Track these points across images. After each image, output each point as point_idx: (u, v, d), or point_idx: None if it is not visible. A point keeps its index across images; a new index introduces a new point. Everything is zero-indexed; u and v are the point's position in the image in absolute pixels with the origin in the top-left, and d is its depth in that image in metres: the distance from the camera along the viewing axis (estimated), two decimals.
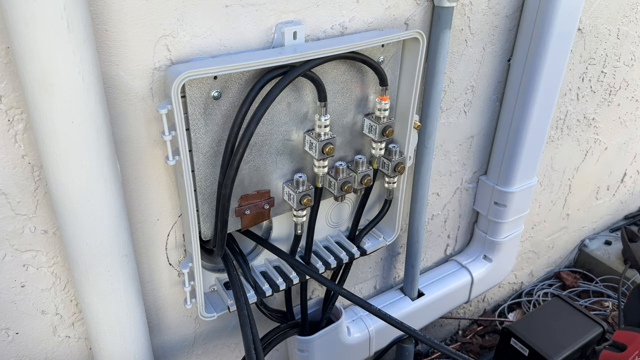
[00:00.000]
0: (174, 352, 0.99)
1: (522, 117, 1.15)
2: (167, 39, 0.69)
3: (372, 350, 1.24)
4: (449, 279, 1.35)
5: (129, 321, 0.78)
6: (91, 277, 0.72)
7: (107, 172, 0.66)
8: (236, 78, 0.73)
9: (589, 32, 1.26)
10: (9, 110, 0.64)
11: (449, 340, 1.65)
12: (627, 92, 1.51)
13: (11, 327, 0.79)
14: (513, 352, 1.22)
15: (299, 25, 0.77)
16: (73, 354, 0.87)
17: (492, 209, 1.31)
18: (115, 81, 0.68)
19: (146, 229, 0.82)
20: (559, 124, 1.40)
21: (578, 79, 1.34)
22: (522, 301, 1.74)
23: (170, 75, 0.68)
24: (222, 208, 0.77)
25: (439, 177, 1.22)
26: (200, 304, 0.87)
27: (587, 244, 1.88)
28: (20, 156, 0.68)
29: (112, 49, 0.66)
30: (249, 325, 0.83)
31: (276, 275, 0.94)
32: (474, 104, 1.15)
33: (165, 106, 0.67)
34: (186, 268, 0.83)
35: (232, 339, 1.07)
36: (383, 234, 1.07)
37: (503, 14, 1.06)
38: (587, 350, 1.22)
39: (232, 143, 0.73)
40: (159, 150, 0.77)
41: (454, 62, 1.05)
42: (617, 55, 1.38)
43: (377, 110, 0.87)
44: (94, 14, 0.63)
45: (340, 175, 0.88)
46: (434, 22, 0.94)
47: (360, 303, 0.94)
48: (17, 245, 0.73)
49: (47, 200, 0.72)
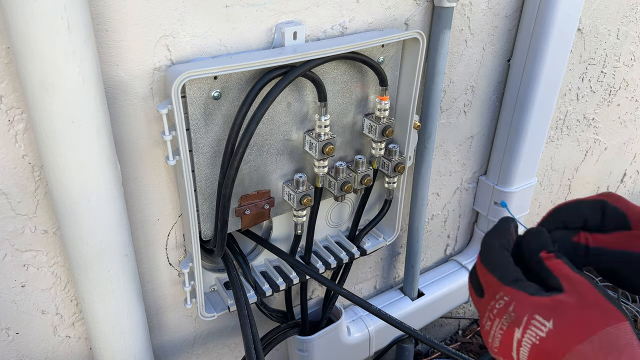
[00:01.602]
0: (174, 352, 0.99)
1: (522, 117, 1.15)
2: (167, 39, 0.69)
3: (372, 350, 1.24)
4: (449, 279, 1.35)
5: (129, 321, 0.78)
6: (91, 277, 0.72)
7: (108, 172, 0.66)
8: (236, 78, 0.73)
9: (589, 32, 1.26)
10: (10, 110, 0.64)
11: (449, 340, 1.65)
12: (627, 92, 1.51)
13: (11, 327, 0.79)
14: None
15: (299, 25, 0.77)
16: (73, 354, 0.87)
17: (492, 208, 1.31)
18: (116, 81, 0.68)
19: (146, 229, 0.82)
20: (559, 124, 1.40)
21: (578, 79, 1.34)
22: None
23: (170, 76, 0.68)
24: (222, 208, 0.77)
25: (439, 177, 1.22)
26: (201, 304, 0.87)
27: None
28: (21, 156, 0.68)
29: (112, 49, 0.66)
30: (249, 325, 0.83)
31: (276, 275, 0.94)
32: (473, 104, 1.15)
33: (165, 106, 0.67)
34: (186, 268, 0.83)
35: (232, 339, 1.07)
36: (383, 234, 1.07)
37: (503, 14, 1.06)
38: None
39: (232, 143, 0.73)
40: (159, 150, 0.77)
41: (454, 62, 1.05)
42: (617, 56, 1.39)
43: (377, 111, 0.87)
44: (94, 14, 0.63)
45: (340, 175, 0.88)
46: (434, 22, 0.94)
47: (360, 303, 0.94)
48: (17, 245, 0.73)
49: (48, 200, 0.72)
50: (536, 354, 0.46)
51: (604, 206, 0.54)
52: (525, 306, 0.47)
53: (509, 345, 0.48)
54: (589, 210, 0.55)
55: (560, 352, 0.44)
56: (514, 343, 0.47)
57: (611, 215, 0.54)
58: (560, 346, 0.44)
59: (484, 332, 0.51)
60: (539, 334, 0.46)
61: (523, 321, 0.47)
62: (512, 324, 0.47)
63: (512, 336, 0.47)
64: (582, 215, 0.55)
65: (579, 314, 0.45)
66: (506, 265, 0.50)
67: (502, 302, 0.49)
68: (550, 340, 0.45)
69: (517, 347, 0.47)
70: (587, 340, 0.44)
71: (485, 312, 0.51)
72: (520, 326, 0.47)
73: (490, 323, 0.50)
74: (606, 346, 0.43)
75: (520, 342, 0.47)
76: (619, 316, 0.45)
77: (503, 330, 0.48)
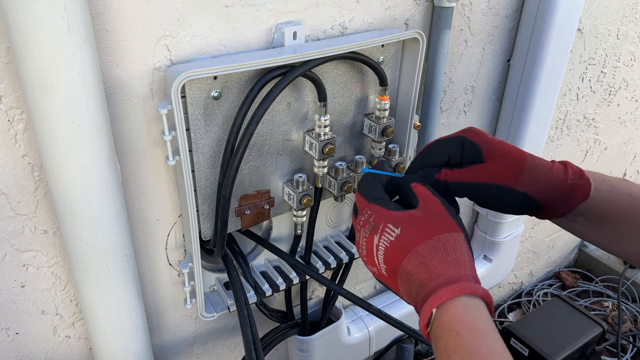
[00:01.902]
0: (174, 352, 0.99)
1: (522, 117, 1.15)
2: (167, 39, 0.69)
3: (372, 350, 1.24)
4: None
5: (129, 321, 0.78)
6: (91, 277, 0.72)
7: (108, 172, 0.66)
8: (236, 78, 0.73)
9: (589, 32, 1.26)
10: (9, 110, 0.64)
11: None
12: (627, 92, 1.51)
13: (11, 327, 0.79)
14: (513, 352, 1.22)
15: (299, 25, 0.77)
16: (73, 354, 0.87)
17: None
18: (116, 81, 0.68)
19: (146, 229, 0.82)
20: (559, 124, 1.40)
21: (578, 79, 1.34)
22: (522, 301, 1.74)
23: (170, 76, 0.68)
24: (222, 208, 0.77)
25: None
26: (200, 304, 0.87)
27: (587, 244, 1.88)
28: (21, 156, 0.68)
29: (112, 49, 0.66)
30: (249, 325, 0.83)
31: (276, 275, 0.94)
32: (473, 104, 1.15)
33: (165, 106, 0.67)
34: (186, 268, 0.83)
35: (232, 339, 1.07)
36: None
37: (503, 14, 1.06)
38: (587, 350, 1.22)
39: (232, 143, 0.73)
40: (159, 151, 0.77)
41: (454, 62, 1.05)
42: (617, 56, 1.39)
43: (377, 110, 0.87)
44: (94, 14, 0.63)
45: (340, 175, 0.88)
46: (434, 22, 0.94)
47: (360, 303, 0.94)
48: (17, 245, 0.73)
49: (47, 200, 0.72)
50: (388, 256, 0.56)
51: (462, 142, 0.64)
52: (382, 217, 0.57)
53: (371, 250, 0.58)
54: (451, 147, 0.65)
55: (404, 252, 0.54)
56: (374, 248, 0.57)
57: (469, 150, 0.63)
58: (404, 247, 0.54)
59: (356, 244, 0.61)
60: (389, 239, 0.55)
61: (379, 229, 0.56)
62: (372, 232, 0.57)
63: (372, 242, 0.57)
64: (446, 152, 0.65)
65: (421, 223, 0.55)
66: (373, 188, 0.61)
67: (366, 215, 0.59)
68: (397, 243, 0.55)
69: (376, 251, 0.57)
70: (423, 243, 0.53)
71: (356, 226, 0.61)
72: (377, 233, 0.56)
73: (358, 234, 0.60)
74: (438, 247, 0.53)
75: (377, 247, 0.56)
76: (455, 227, 0.55)
77: (366, 238, 0.58)
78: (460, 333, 0.48)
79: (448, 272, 0.51)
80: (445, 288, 0.50)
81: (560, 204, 0.62)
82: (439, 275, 0.51)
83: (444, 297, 0.49)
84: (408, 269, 0.53)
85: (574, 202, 0.61)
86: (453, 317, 0.49)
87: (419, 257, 0.53)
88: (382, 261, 0.56)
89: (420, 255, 0.53)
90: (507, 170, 0.62)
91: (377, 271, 0.58)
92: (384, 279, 0.58)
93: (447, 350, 0.48)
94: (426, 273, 0.52)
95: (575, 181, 0.61)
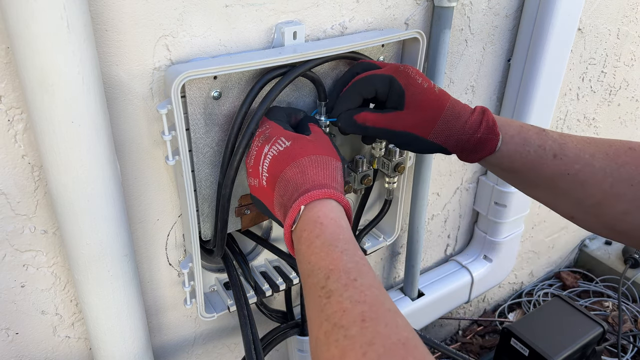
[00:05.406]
0: (174, 352, 0.99)
1: (522, 117, 1.15)
2: (166, 39, 0.69)
3: None
4: (449, 279, 1.35)
5: (129, 321, 0.78)
6: (91, 277, 0.72)
7: (107, 172, 0.66)
8: (236, 78, 0.73)
9: (589, 32, 1.26)
10: (9, 110, 0.64)
11: (449, 340, 1.65)
12: (627, 92, 1.51)
13: (11, 327, 0.79)
14: (513, 352, 1.22)
15: (299, 25, 0.77)
16: (73, 354, 0.87)
17: (492, 209, 1.31)
18: (115, 81, 0.68)
19: (146, 229, 0.82)
20: (559, 124, 1.40)
21: (578, 79, 1.34)
22: (522, 301, 1.74)
23: (170, 75, 0.68)
24: (222, 208, 0.77)
25: (439, 177, 1.22)
26: (200, 304, 0.87)
27: (587, 244, 1.88)
28: (20, 156, 0.68)
29: (112, 49, 0.66)
30: (249, 325, 0.83)
31: (276, 275, 0.94)
32: (474, 104, 1.15)
33: (165, 106, 0.67)
34: (186, 268, 0.83)
35: (232, 339, 1.07)
36: (383, 234, 1.07)
37: (503, 14, 1.06)
38: (587, 350, 1.22)
39: (232, 143, 0.73)
40: (159, 151, 0.77)
41: (454, 62, 1.05)
42: (617, 55, 1.39)
43: None
44: (94, 14, 0.63)
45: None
46: (434, 22, 0.94)
47: None
48: (17, 245, 0.73)
49: (47, 200, 0.72)
50: (272, 164, 0.64)
51: (391, 82, 0.71)
52: (277, 132, 0.66)
53: (258, 159, 0.66)
54: (380, 84, 0.71)
55: (288, 161, 0.62)
56: (262, 156, 0.65)
57: (394, 93, 0.70)
58: (289, 157, 0.62)
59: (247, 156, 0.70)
60: (279, 149, 0.64)
61: (272, 139, 0.65)
62: (264, 141, 0.66)
63: (263, 151, 0.65)
64: (374, 87, 0.71)
65: (310, 144, 0.64)
66: (277, 113, 0.72)
67: (264, 128, 0.68)
68: (284, 153, 0.63)
69: (263, 159, 0.65)
70: (307, 156, 0.62)
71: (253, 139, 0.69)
72: (269, 143, 0.65)
73: (252, 144, 0.68)
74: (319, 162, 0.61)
75: (266, 155, 0.65)
76: (337, 156, 0.64)
77: (257, 147, 0.67)
78: (324, 224, 0.55)
79: (322, 180, 0.59)
80: (316, 190, 0.57)
81: (468, 155, 0.70)
82: (313, 181, 0.59)
83: (314, 197, 0.57)
84: (287, 176, 0.61)
85: (480, 155, 0.69)
86: (319, 212, 0.56)
87: (300, 166, 0.61)
88: (266, 170, 0.64)
89: (301, 165, 0.61)
90: (422, 121, 0.69)
91: (258, 183, 0.66)
92: (261, 190, 0.66)
93: (310, 237, 0.54)
94: (302, 179, 0.60)
95: (484, 135, 0.67)
